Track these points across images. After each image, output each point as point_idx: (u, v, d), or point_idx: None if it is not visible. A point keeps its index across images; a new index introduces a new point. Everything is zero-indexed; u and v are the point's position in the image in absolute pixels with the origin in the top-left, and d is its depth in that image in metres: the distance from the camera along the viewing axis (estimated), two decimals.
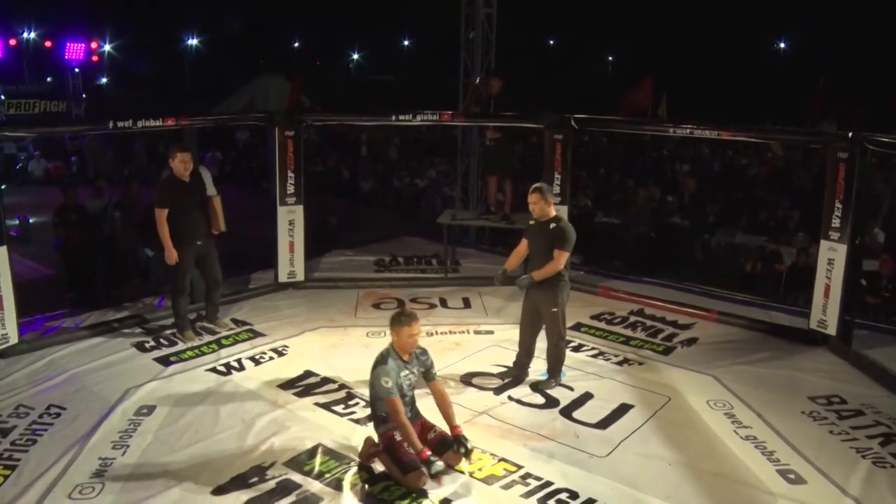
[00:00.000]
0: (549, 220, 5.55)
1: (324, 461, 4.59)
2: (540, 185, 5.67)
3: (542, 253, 5.55)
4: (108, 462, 4.54)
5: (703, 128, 7.29)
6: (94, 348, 6.29)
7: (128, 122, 6.75)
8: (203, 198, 6.44)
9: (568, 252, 5.48)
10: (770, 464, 4.64)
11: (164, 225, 6.16)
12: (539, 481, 4.40)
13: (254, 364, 6.06)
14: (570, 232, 5.48)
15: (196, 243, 6.34)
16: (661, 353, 6.42)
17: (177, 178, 6.28)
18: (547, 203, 5.54)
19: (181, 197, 6.24)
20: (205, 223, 6.43)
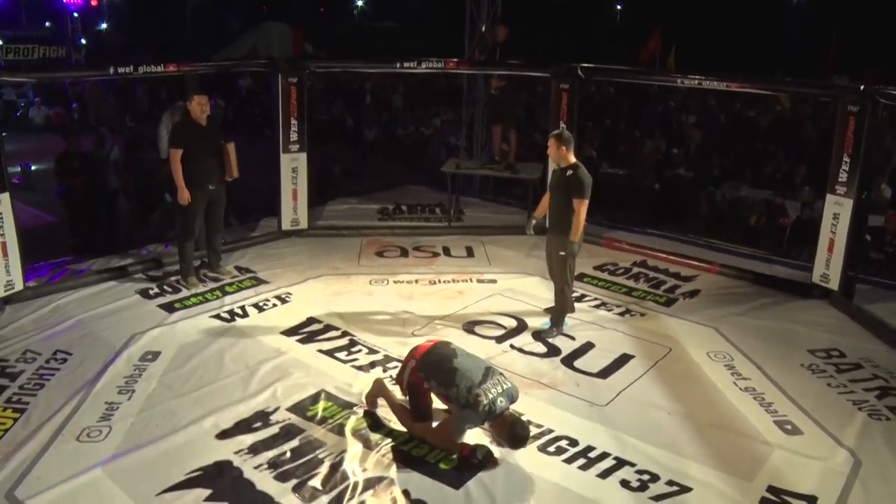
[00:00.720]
0: (567, 167, 5.52)
1: (326, 407, 4.64)
2: (559, 131, 5.65)
3: (559, 200, 5.56)
4: (114, 406, 4.60)
5: (712, 79, 7.18)
6: (98, 295, 6.32)
7: (128, 68, 6.67)
8: (218, 143, 6.42)
9: (586, 199, 5.44)
10: (768, 415, 4.69)
11: (178, 165, 6.16)
12: (539, 429, 4.45)
13: (257, 311, 6.09)
14: (585, 179, 5.44)
15: (208, 187, 6.34)
16: (663, 305, 6.43)
17: (193, 121, 6.26)
18: (563, 149, 5.50)
19: (196, 140, 6.22)
20: (218, 168, 6.42)
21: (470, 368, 4.13)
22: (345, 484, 3.92)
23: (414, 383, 4.29)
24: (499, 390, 4.07)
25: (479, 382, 4.06)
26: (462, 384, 4.05)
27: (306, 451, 4.18)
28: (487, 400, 4.00)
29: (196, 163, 6.22)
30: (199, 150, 6.24)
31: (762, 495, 3.92)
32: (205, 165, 6.29)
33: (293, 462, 4.08)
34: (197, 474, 3.96)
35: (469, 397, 4.01)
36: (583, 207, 5.44)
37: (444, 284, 6.75)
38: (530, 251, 7.66)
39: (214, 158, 6.39)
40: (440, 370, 4.16)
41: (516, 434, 4.08)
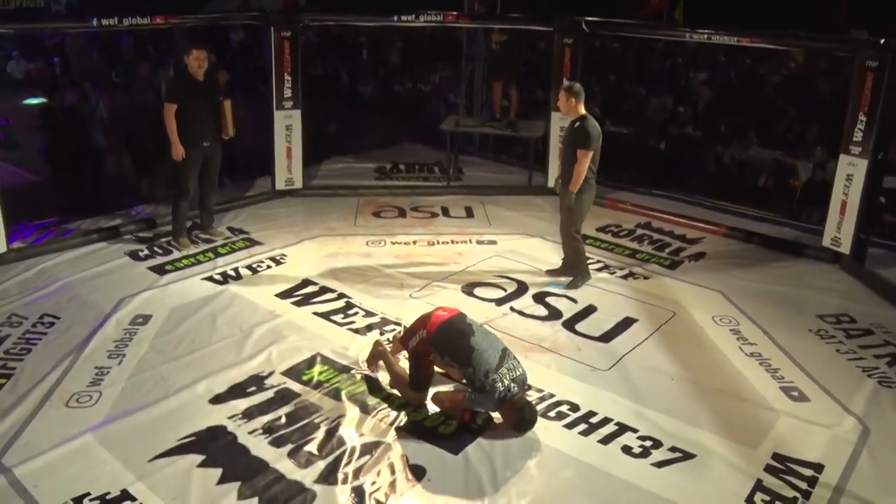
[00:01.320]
0: (576, 119, 5.56)
1: (322, 371, 4.63)
2: (568, 84, 5.69)
3: (567, 151, 5.62)
4: (104, 371, 4.57)
5: (722, 33, 7.05)
6: (86, 257, 6.27)
7: (113, 20, 6.47)
8: (215, 100, 6.38)
9: (589, 151, 5.48)
10: (774, 381, 4.68)
11: (172, 120, 6.11)
12: (540, 393, 4.45)
13: (251, 273, 6.05)
14: (591, 129, 5.48)
15: (203, 145, 6.30)
16: (668, 268, 6.40)
17: (189, 76, 6.20)
18: (573, 101, 5.53)
19: (192, 96, 6.17)
20: (214, 126, 6.38)
21: (487, 349, 4.07)
22: (341, 449, 3.92)
23: (420, 352, 4.25)
24: (513, 376, 4.05)
25: (496, 367, 4.02)
26: (479, 367, 4.00)
27: (302, 416, 4.18)
28: (503, 387, 3.98)
29: (192, 119, 6.17)
30: (196, 106, 6.18)
31: (767, 462, 3.92)
32: (200, 122, 6.24)
33: (288, 427, 4.08)
34: (190, 440, 3.95)
35: (486, 382, 3.98)
36: (585, 158, 5.47)
37: (442, 245, 6.72)
38: (531, 211, 7.62)
39: (211, 115, 6.34)
40: (455, 347, 4.10)
41: (524, 418, 4.06)
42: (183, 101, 6.13)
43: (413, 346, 4.28)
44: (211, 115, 6.34)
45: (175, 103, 6.12)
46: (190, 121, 6.17)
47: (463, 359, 4.06)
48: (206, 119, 6.29)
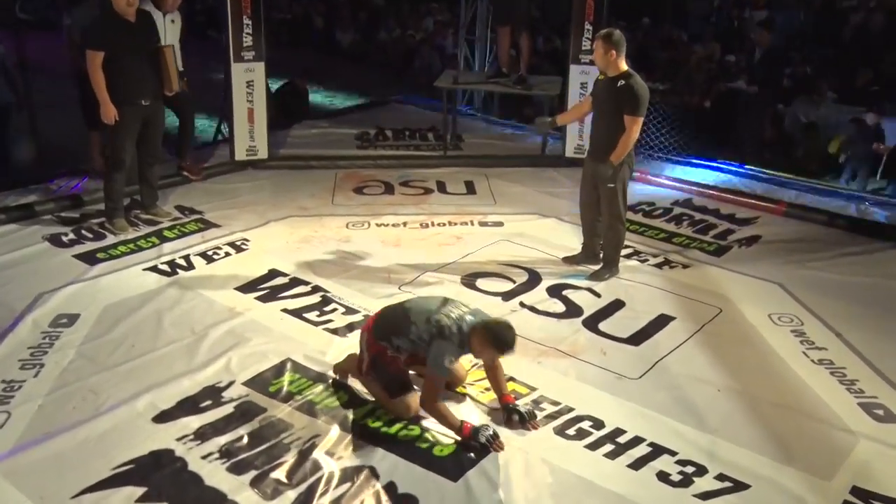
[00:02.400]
0: (618, 75, 5.57)
1: (293, 380, 4.65)
2: (607, 31, 5.67)
3: (606, 115, 5.64)
4: (14, 386, 4.50)
5: None
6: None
7: None
8: (152, 45, 6.28)
9: (641, 117, 5.55)
10: (850, 395, 4.66)
11: (99, 72, 5.98)
12: (556, 406, 4.47)
13: (205, 262, 6.07)
14: (641, 91, 5.53)
15: (141, 103, 6.20)
16: (713, 254, 6.43)
17: (117, 15, 6.02)
18: (613, 53, 5.53)
19: (122, 39, 6.02)
20: (153, 79, 6.28)
21: (423, 303, 4.35)
22: (316, 475, 3.93)
23: (376, 354, 4.34)
24: (461, 310, 4.23)
25: (436, 310, 4.20)
26: (419, 320, 4.19)
27: (268, 436, 4.19)
28: (451, 321, 4.13)
29: (124, 71, 6.05)
30: (127, 53, 6.06)
31: (844, 498, 3.88)
32: (135, 74, 6.13)
33: (251, 449, 4.09)
34: (127, 468, 3.93)
35: (430, 327, 4.13)
36: (636, 125, 5.53)
37: (438, 228, 6.75)
38: (545, 186, 7.65)
39: (148, 66, 6.23)
40: (393, 322, 4.30)
41: (501, 334, 4.12)
42: (111, 48, 5.98)
43: (367, 358, 4.37)
44: (148, 65, 6.23)
45: (100, 50, 5.96)
46: (122, 73, 6.04)
47: (404, 325, 4.23)
48: (142, 70, 6.17)
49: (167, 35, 6.64)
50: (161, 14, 6.71)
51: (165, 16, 6.69)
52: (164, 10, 6.68)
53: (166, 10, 6.68)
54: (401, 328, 4.23)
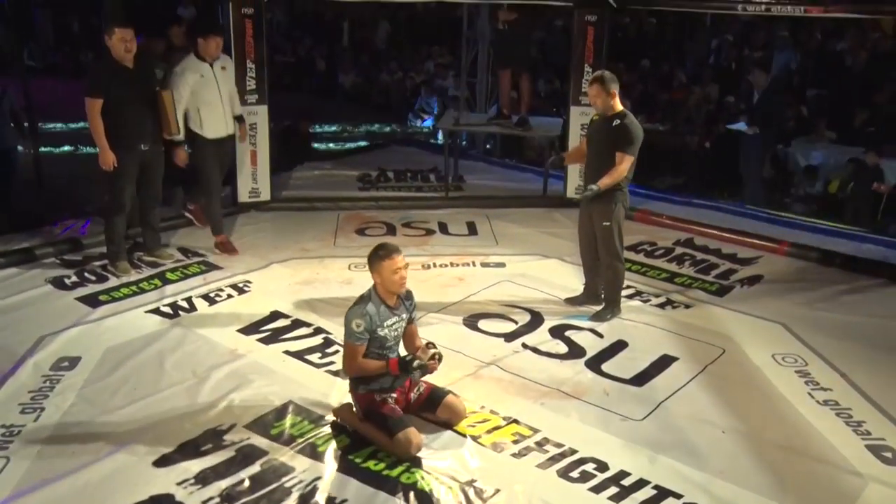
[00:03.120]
0: (613, 115, 5.66)
1: (295, 422, 4.64)
2: (601, 73, 5.78)
3: (600, 154, 5.70)
4: (14, 430, 4.48)
5: (785, 2, 7.10)
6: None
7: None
8: (151, 90, 6.32)
9: (632, 156, 5.63)
10: (857, 437, 4.63)
11: (98, 119, 6.05)
12: (559, 449, 4.45)
13: (207, 303, 6.08)
14: (635, 131, 5.62)
15: (140, 147, 6.25)
16: (715, 294, 6.44)
17: (115, 62, 6.10)
18: (609, 95, 5.63)
19: (120, 86, 6.08)
20: (152, 123, 6.32)
21: None
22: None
23: (366, 403, 4.47)
24: None
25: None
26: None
27: (270, 480, 4.17)
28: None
29: (122, 115, 6.11)
30: (126, 98, 6.11)
31: None
32: (134, 119, 6.18)
33: (253, 493, 4.07)
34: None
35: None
36: (627, 163, 5.60)
37: (440, 269, 6.76)
38: (547, 227, 7.67)
39: (147, 110, 6.28)
40: None
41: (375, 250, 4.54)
42: (110, 95, 6.04)
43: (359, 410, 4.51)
44: (147, 109, 6.27)
45: (99, 98, 6.03)
46: (121, 119, 6.11)
47: None
48: (140, 115, 6.21)
49: (219, 82, 6.66)
50: (208, 64, 6.63)
51: (213, 64, 6.63)
52: (209, 58, 6.60)
53: (211, 58, 6.61)
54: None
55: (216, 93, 6.63)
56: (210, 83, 6.59)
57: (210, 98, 6.61)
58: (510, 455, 4.41)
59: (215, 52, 6.59)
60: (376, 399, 4.44)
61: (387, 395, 4.47)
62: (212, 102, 6.63)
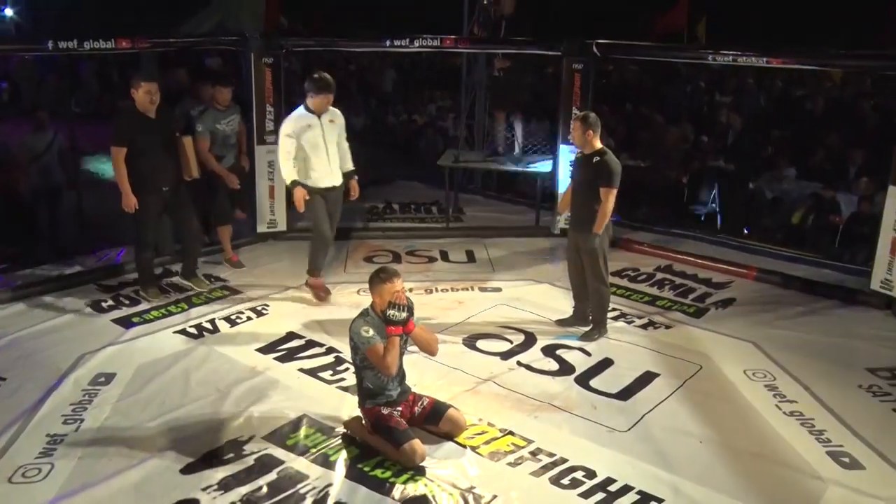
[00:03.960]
0: (593, 153, 5.68)
1: (309, 434, 4.64)
2: (583, 114, 5.82)
3: (584, 189, 5.72)
4: (57, 439, 4.52)
5: (750, 54, 7.20)
6: (40, 308, 6.30)
7: (72, 43, 6.52)
8: (171, 137, 6.30)
9: (615, 189, 5.64)
10: (819, 444, 4.65)
11: (122, 166, 6.05)
12: (551, 458, 4.46)
13: (229, 325, 6.09)
14: (615, 166, 5.64)
15: (162, 190, 6.23)
16: (692, 316, 6.45)
17: (139, 113, 6.10)
18: (590, 133, 5.66)
19: (144, 135, 6.07)
20: (173, 167, 6.31)
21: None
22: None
23: (374, 417, 4.48)
24: None
25: None
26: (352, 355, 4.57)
27: (286, 486, 4.17)
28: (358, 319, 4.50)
29: (145, 161, 6.09)
30: (149, 146, 6.08)
31: None
32: (156, 165, 6.15)
33: (270, 499, 4.07)
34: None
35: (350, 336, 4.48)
36: (611, 197, 5.60)
37: (441, 293, 6.78)
38: (539, 255, 7.70)
39: (168, 156, 6.25)
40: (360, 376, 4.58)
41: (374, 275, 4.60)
42: (134, 143, 6.02)
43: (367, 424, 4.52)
44: (168, 155, 6.24)
45: (123, 147, 6.02)
46: (144, 164, 6.08)
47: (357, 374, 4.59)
48: (162, 161, 6.18)
49: (325, 135, 6.39)
50: (317, 116, 6.35)
51: (321, 117, 6.38)
52: (318, 112, 6.35)
53: (320, 113, 6.36)
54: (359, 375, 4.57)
55: (322, 145, 6.38)
56: (317, 135, 6.34)
57: (316, 149, 6.35)
58: (506, 464, 4.41)
59: (324, 107, 6.34)
60: (383, 412, 4.45)
61: (393, 409, 4.48)
62: (318, 154, 6.35)
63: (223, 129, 6.98)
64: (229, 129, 7.04)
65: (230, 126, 7.05)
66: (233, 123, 7.08)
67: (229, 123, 7.03)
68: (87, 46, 6.67)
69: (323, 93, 6.29)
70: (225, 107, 7.00)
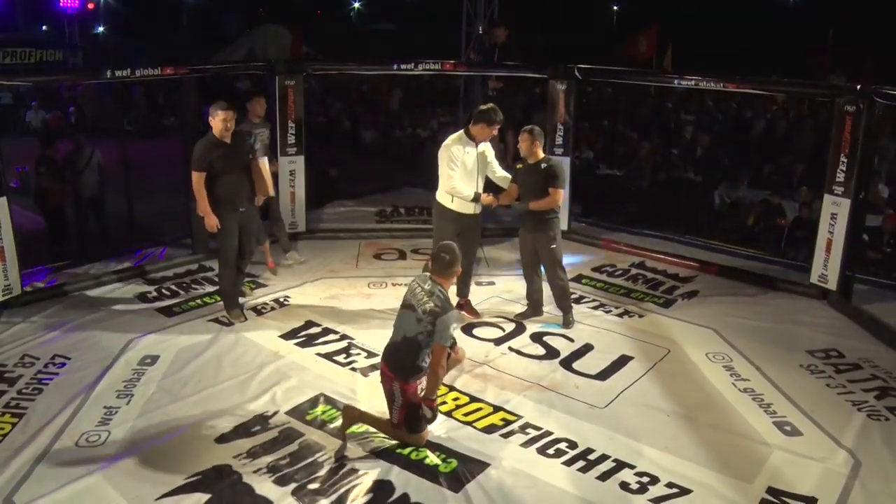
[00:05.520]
0: (539, 161, 5.70)
1: (325, 410, 4.64)
2: (531, 127, 5.80)
3: (534, 193, 5.69)
4: (113, 411, 4.59)
5: (709, 79, 7.22)
6: (96, 299, 6.32)
7: (126, 72, 6.65)
8: (245, 160, 5.86)
9: (563, 189, 5.71)
10: (767, 416, 4.69)
11: (202, 189, 5.64)
12: (538, 431, 4.46)
13: (255, 314, 6.08)
14: (561, 169, 5.71)
15: (238, 210, 5.76)
16: (662, 306, 6.44)
17: (216, 139, 5.67)
18: (537, 143, 5.69)
19: (220, 159, 5.65)
20: (248, 187, 5.86)
21: (402, 320, 4.29)
22: (345, 488, 3.92)
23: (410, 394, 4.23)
24: (423, 288, 4.26)
25: (416, 310, 4.20)
26: (415, 330, 4.17)
27: (305, 455, 4.18)
28: (432, 300, 4.17)
29: (222, 184, 5.68)
30: (225, 169, 5.68)
31: (762, 497, 3.93)
32: (232, 186, 5.71)
33: (292, 466, 4.08)
34: (195, 479, 3.95)
35: (426, 318, 4.12)
36: (558, 195, 5.64)
37: None
38: None
39: (243, 178, 5.81)
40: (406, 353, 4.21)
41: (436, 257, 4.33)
42: (212, 167, 5.64)
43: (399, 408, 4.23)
44: (243, 176, 5.81)
45: (203, 171, 5.63)
46: (222, 186, 5.68)
47: (413, 346, 4.19)
48: (237, 182, 5.75)
49: (478, 162, 5.78)
50: (474, 145, 5.87)
51: (478, 146, 5.76)
52: (477, 141, 5.75)
53: (478, 142, 5.76)
54: (415, 350, 4.19)
55: (474, 173, 5.79)
56: (471, 163, 5.73)
57: (466, 175, 5.73)
58: (499, 436, 4.41)
59: (485, 137, 5.80)
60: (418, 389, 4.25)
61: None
62: (466, 180, 5.73)
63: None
64: (258, 143, 6.76)
65: (261, 139, 6.85)
66: (262, 136, 6.91)
67: (259, 136, 6.82)
68: (138, 74, 6.74)
69: (496, 124, 5.70)
70: (259, 119, 6.85)
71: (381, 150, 14.35)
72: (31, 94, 16.55)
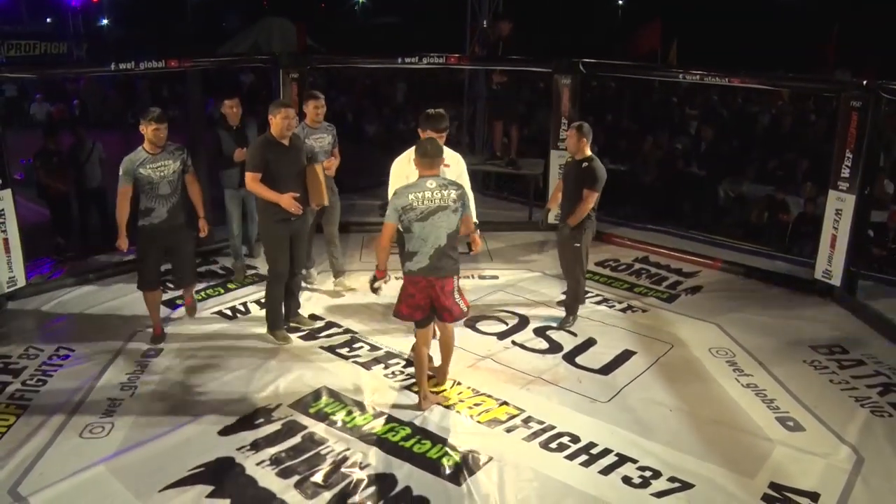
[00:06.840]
0: (583, 158, 5.59)
1: (328, 403, 4.65)
2: (580, 123, 5.70)
3: (572, 191, 5.63)
4: (116, 402, 4.61)
5: (714, 74, 7.18)
6: (100, 291, 6.33)
7: (130, 64, 6.61)
8: (301, 165, 5.33)
9: (597, 192, 5.56)
10: (770, 411, 4.69)
11: (262, 189, 5.15)
12: (541, 425, 4.46)
13: (259, 307, 6.06)
14: (600, 172, 5.55)
15: (290, 219, 5.26)
16: (665, 301, 6.43)
17: (274, 139, 5.17)
18: (583, 141, 5.56)
19: (277, 162, 5.15)
20: (302, 194, 5.31)
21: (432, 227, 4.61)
22: (347, 480, 3.93)
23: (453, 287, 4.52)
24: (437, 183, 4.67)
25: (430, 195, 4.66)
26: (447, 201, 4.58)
27: (308, 448, 4.19)
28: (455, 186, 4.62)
29: (277, 187, 5.16)
30: (280, 173, 5.17)
31: (764, 492, 3.92)
32: (287, 190, 5.18)
33: (295, 458, 4.09)
34: (199, 471, 3.96)
35: (459, 197, 4.59)
36: (592, 198, 5.53)
37: None
38: (532, 247, 7.67)
39: (298, 184, 5.29)
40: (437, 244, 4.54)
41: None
42: (268, 169, 5.13)
43: (455, 299, 4.53)
44: (298, 182, 5.28)
45: (258, 172, 5.11)
46: (276, 189, 5.16)
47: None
48: (293, 188, 5.22)
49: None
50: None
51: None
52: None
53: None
54: (454, 242, 4.54)
55: None
56: None
57: None
58: (502, 430, 4.41)
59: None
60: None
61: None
62: None
63: None
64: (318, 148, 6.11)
65: (321, 144, 6.34)
66: (323, 142, 6.43)
67: (318, 141, 6.32)
68: (143, 66, 6.69)
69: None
70: (317, 124, 6.39)
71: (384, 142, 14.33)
72: (36, 87, 16.55)
